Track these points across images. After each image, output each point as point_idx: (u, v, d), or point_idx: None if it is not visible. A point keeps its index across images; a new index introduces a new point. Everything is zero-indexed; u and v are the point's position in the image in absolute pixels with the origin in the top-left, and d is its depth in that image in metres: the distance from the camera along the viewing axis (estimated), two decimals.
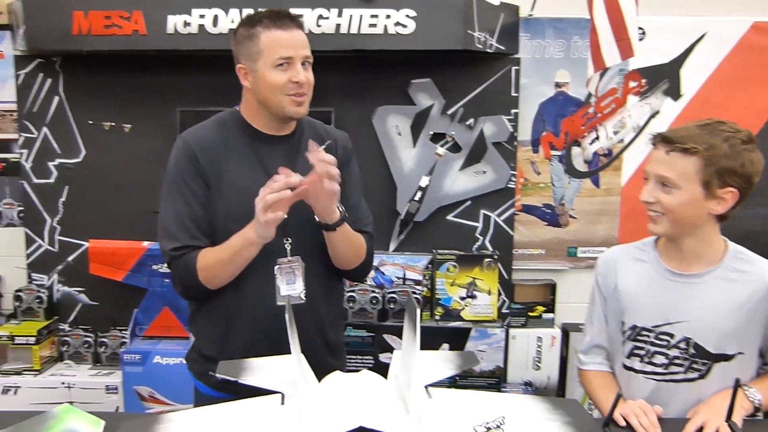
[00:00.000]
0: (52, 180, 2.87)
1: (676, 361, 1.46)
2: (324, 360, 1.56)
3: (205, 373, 1.60)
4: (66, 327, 2.93)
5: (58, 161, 2.87)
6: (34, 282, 2.92)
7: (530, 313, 2.96)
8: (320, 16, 2.51)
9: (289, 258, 1.51)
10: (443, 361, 1.43)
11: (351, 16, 2.52)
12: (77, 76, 2.81)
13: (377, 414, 1.01)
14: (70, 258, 2.91)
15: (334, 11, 2.52)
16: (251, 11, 2.62)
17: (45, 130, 2.85)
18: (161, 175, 3.02)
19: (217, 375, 1.31)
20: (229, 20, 2.52)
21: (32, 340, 2.73)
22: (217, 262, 1.49)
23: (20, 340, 2.73)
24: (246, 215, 1.42)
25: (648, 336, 1.48)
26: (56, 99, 2.83)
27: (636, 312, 1.50)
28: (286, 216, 1.39)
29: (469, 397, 1.26)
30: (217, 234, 1.52)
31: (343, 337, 1.79)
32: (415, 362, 1.06)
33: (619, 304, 1.53)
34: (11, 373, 2.74)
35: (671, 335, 1.45)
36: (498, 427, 1.04)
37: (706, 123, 1.39)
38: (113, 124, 2.84)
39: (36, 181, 2.87)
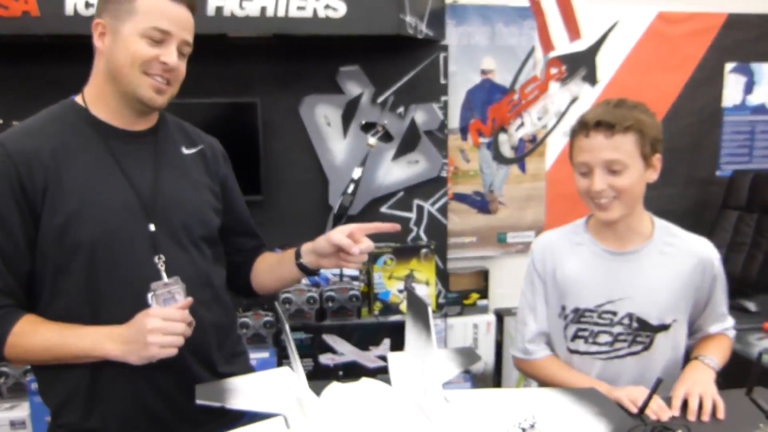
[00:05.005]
0: None
1: (620, 338, 1.48)
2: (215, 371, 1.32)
3: None
4: None
5: None
6: None
7: (465, 301, 2.97)
8: None
9: (165, 281, 1.20)
10: (447, 360, 1.35)
11: None
12: None
13: (400, 428, 0.93)
14: None
15: None
16: None
17: None
18: None
19: (198, 402, 1.13)
20: None
21: None
22: (41, 349, 1.15)
23: None
24: (95, 218, 1.17)
25: (591, 317, 1.50)
26: None
27: (578, 295, 1.51)
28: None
29: (487, 397, 1.19)
30: (49, 254, 1.17)
31: (241, 345, 1.47)
32: (429, 366, 0.98)
33: (559, 289, 1.53)
34: None
35: (614, 313, 1.48)
36: (532, 426, 0.98)
37: (617, 102, 1.43)
38: (1, 122, 2.48)
39: None
